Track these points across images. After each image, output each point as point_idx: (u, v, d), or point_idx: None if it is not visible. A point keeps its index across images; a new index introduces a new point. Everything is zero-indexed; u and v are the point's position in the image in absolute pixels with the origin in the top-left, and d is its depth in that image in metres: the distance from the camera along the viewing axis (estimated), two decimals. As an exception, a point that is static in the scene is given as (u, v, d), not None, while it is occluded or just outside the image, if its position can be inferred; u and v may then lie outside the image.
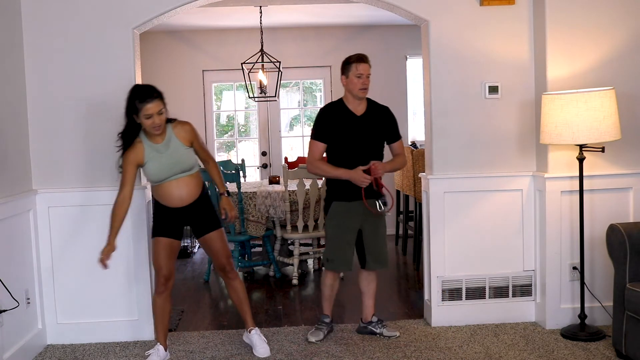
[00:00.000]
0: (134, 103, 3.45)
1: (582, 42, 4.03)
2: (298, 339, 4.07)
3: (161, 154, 3.55)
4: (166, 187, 3.59)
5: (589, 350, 3.73)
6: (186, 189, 3.60)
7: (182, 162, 3.58)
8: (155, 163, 3.54)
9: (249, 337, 3.85)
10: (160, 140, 3.56)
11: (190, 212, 3.66)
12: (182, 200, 3.61)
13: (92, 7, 4.00)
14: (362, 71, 3.81)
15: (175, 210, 3.64)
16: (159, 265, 3.65)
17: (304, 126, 8.28)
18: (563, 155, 4.05)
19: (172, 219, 3.66)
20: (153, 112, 3.44)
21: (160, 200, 3.64)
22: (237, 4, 5.90)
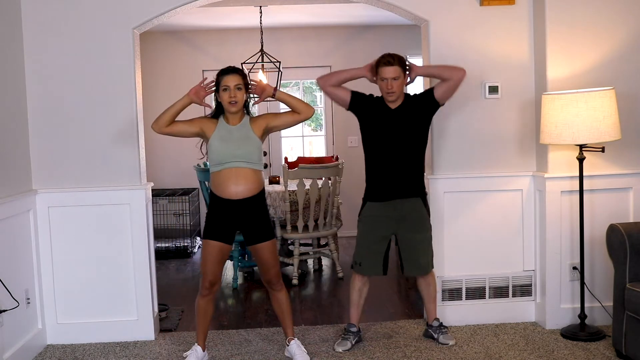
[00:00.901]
0: (218, 78, 3.51)
1: (582, 42, 4.03)
2: (298, 339, 4.06)
3: (231, 134, 3.50)
4: (225, 173, 3.48)
5: (589, 350, 3.73)
6: (243, 181, 3.48)
7: (248, 149, 3.49)
8: (221, 141, 3.48)
9: (288, 350, 3.74)
10: (234, 123, 3.54)
11: (245, 212, 3.52)
12: (237, 192, 3.48)
13: (92, 7, 4.00)
14: (387, 75, 3.64)
15: (229, 206, 3.50)
16: (205, 270, 3.56)
17: (304, 126, 8.28)
18: (563, 155, 4.05)
19: (225, 220, 3.53)
20: (230, 83, 3.46)
21: (216, 189, 3.52)
22: (237, 4, 5.90)
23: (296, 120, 3.62)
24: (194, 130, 3.56)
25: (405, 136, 3.72)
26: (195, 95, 3.54)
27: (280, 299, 3.69)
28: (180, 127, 3.54)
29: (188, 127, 3.55)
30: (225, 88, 3.48)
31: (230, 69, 3.55)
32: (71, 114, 4.03)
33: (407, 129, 3.72)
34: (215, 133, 3.52)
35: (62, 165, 4.05)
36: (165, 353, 3.89)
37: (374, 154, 3.78)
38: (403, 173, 3.75)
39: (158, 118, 3.52)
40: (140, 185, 4.09)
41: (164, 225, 6.81)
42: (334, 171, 5.67)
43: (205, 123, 3.57)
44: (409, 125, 3.72)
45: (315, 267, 6.15)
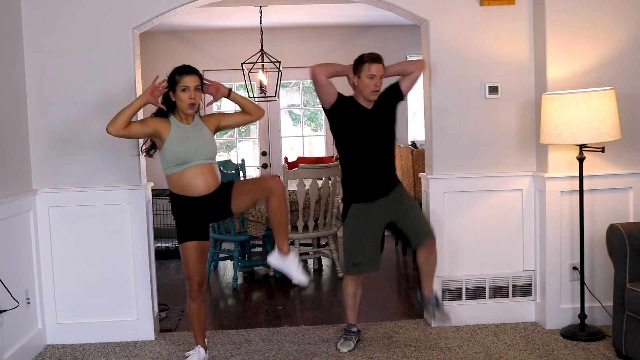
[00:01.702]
0: (174, 77, 3.47)
1: (582, 42, 4.03)
2: (298, 339, 4.06)
3: (187, 134, 3.47)
4: (190, 173, 3.44)
5: (589, 350, 3.73)
6: (210, 176, 3.47)
7: (208, 146, 3.50)
8: (180, 142, 3.44)
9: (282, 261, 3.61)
10: (188, 122, 3.51)
11: (213, 204, 3.50)
12: (208, 185, 3.46)
13: (92, 7, 4.00)
14: (375, 72, 3.67)
15: (197, 203, 3.46)
16: (190, 272, 3.50)
17: (303, 126, 8.29)
18: (563, 155, 4.05)
19: (195, 218, 3.50)
20: (190, 84, 3.43)
21: (183, 190, 3.46)
22: (237, 4, 5.90)
23: (247, 120, 3.68)
24: (147, 131, 3.47)
25: (383, 134, 3.79)
26: (151, 95, 3.46)
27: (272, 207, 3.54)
28: (135, 128, 3.44)
29: (142, 128, 3.46)
30: (184, 88, 3.43)
31: (189, 68, 3.49)
32: (71, 114, 4.03)
33: (384, 127, 3.80)
34: (172, 134, 3.45)
35: (62, 165, 4.05)
36: (165, 353, 3.89)
37: (354, 155, 3.77)
38: (385, 169, 3.81)
39: (114, 120, 3.39)
40: (140, 185, 4.09)
41: (164, 225, 6.81)
42: (334, 171, 5.67)
43: (157, 123, 3.47)
44: (385, 123, 3.80)
45: (315, 267, 6.15)
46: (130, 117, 3.43)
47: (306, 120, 8.43)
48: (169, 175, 3.50)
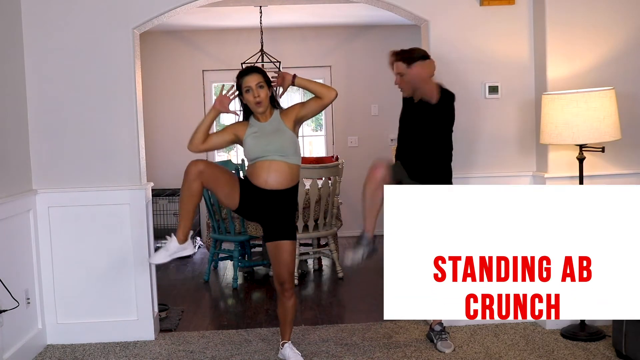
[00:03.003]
0: (238, 82, 3.49)
1: (582, 42, 4.03)
2: (298, 339, 4.06)
3: (261, 131, 3.49)
4: (258, 165, 3.45)
5: (589, 350, 3.73)
6: (275, 174, 3.44)
7: (281, 142, 3.46)
8: (252, 139, 3.48)
9: (282, 352, 3.71)
10: (265, 119, 3.52)
11: (272, 203, 3.47)
12: (266, 183, 3.44)
13: (92, 7, 4.00)
14: (395, 70, 3.78)
15: (259, 193, 3.46)
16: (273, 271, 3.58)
17: (303, 126, 8.28)
18: (563, 155, 4.05)
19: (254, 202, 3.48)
20: (252, 84, 3.43)
21: (250, 178, 3.50)
22: (237, 4, 5.90)
23: (321, 105, 3.54)
24: (228, 139, 3.55)
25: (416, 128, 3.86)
26: (220, 104, 3.51)
27: (287, 307, 3.64)
28: (214, 140, 3.54)
29: (222, 137, 3.55)
30: (247, 89, 3.46)
31: (248, 69, 3.53)
32: (71, 114, 4.03)
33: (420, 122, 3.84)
34: (248, 132, 3.51)
35: (62, 165, 4.05)
36: (165, 353, 3.89)
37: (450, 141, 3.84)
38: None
39: (192, 138, 3.48)
40: (140, 185, 4.09)
41: (164, 225, 6.81)
42: (334, 171, 5.67)
43: (237, 128, 3.55)
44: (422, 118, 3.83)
45: (315, 267, 6.15)
46: (206, 131, 3.49)
47: (306, 120, 8.43)
48: (247, 167, 3.56)
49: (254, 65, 3.56)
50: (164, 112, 7.48)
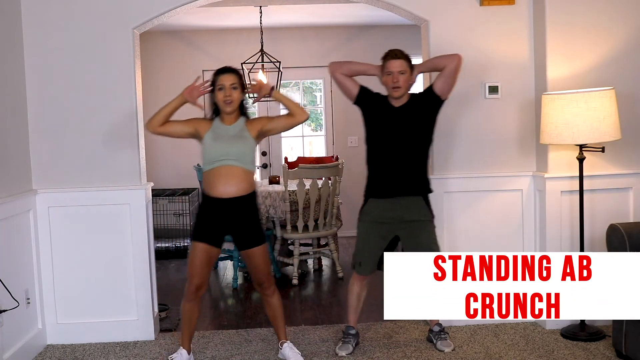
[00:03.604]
0: (213, 77, 3.50)
1: (582, 42, 4.03)
2: (298, 339, 4.06)
3: (223, 134, 3.47)
4: (216, 172, 3.42)
5: (589, 350, 3.73)
6: (234, 180, 3.42)
7: (241, 148, 3.45)
8: (213, 140, 3.45)
9: (282, 352, 3.69)
10: (229, 123, 3.51)
11: (235, 213, 3.46)
12: (226, 190, 3.41)
13: (92, 7, 4.00)
14: (392, 68, 3.64)
15: (219, 206, 3.43)
16: (192, 273, 3.48)
17: (303, 126, 8.28)
18: (563, 155, 4.05)
19: (214, 221, 3.47)
20: (226, 82, 3.44)
21: (207, 188, 3.46)
22: (237, 4, 5.90)
23: (290, 123, 3.58)
24: (188, 130, 3.52)
25: (407, 134, 3.68)
26: (189, 94, 3.50)
27: (273, 304, 3.65)
28: (174, 127, 3.51)
29: (183, 127, 3.52)
30: (220, 87, 3.46)
31: (226, 68, 3.52)
32: (71, 114, 4.03)
33: (410, 128, 3.68)
34: (209, 132, 3.49)
35: (62, 165, 4.05)
36: (165, 353, 3.89)
37: (376, 151, 3.74)
38: (405, 171, 3.70)
39: (152, 117, 3.49)
40: (140, 185, 4.09)
41: (164, 225, 6.81)
42: (334, 171, 5.67)
43: (200, 123, 3.53)
44: (412, 124, 3.68)
45: (315, 267, 6.15)
46: (168, 116, 3.47)
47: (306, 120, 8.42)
48: (204, 173, 3.52)
49: (232, 66, 3.54)
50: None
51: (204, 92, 3.54)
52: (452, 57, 3.66)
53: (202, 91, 3.54)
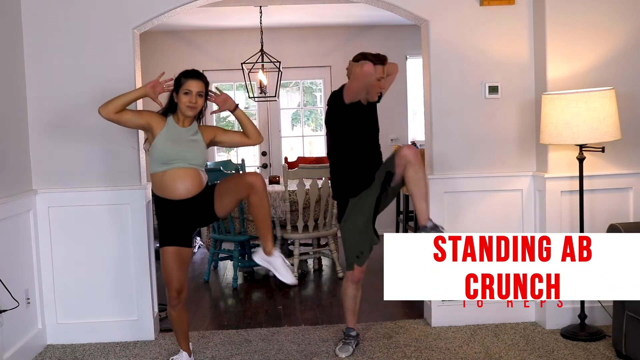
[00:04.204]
0: (179, 79, 3.47)
1: (582, 42, 4.03)
2: (298, 339, 4.06)
3: (179, 135, 3.45)
4: (172, 174, 3.39)
5: (589, 350, 3.73)
6: (191, 180, 3.40)
7: (196, 152, 3.44)
8: (169, 141, 3.41)
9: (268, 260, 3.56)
10: (184, 125, 3.49)
11: (194, 209, 3.44)
12: (188, 190, 3.39)
13: (92, 7, 4.00)
14: (379, 74, 3.67)
15: (178, 207, 3.41)
16: (168, 279, 3.43)
17: (303, 126, 8.29)
18: (563, 155, 4.05)
19: (177, 222, 3.44)
20: (193, 89, 3.43)
21: (163, 191, 3.42)
22: (237, 4, 5.90)
23: (244, 143, 3.61)
24: (140, 122, 3.47)
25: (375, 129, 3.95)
26: (152, 89, 3.46)
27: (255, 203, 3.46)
28: (128, 116, 3.44)
29: (135, 118, 3.47)
30: (187, 92, 3.43)
31: (195, 73, 3.49)
32: (71, 114, 4.03)
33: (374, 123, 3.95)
34: (164, 132, 3.44)
35: (62, 165, 4.05)
36: (165, 353, 3.89)
37: (356, 148, 3.80)
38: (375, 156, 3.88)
39: (108, 102, 3.41)
40: (140, 185, 4.09)
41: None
42: (334, 171, 5.66)
43: (153, 118, 3.48)
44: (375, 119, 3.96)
45: (315, 267, 6.15)
46: (125, 104, 3.42)
47: (306, 120, 8.43)
48: (152, 174, 3.46)
49: (201, 73, 3.54)
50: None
51: (166, 90, 3.51)
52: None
53: (165, 89, 3.50)
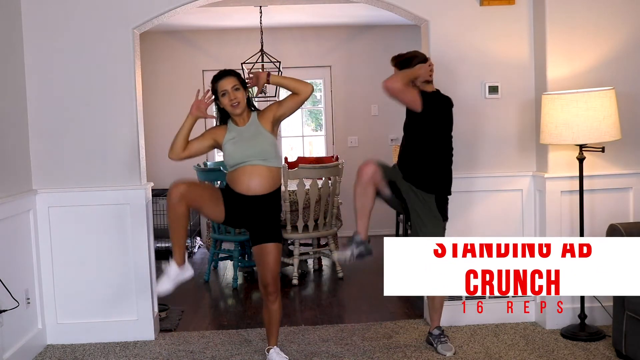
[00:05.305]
0: (213, 86, 3.49)
1: (582, 42, 4.03)
2: (298, 339, 4.07)
3: (240, 136, 3.47)
4: (239, 171, 3.43)
5: (589, 350, 3.73)
6: (257, 179, 3.42)
7: (261, 146, 3.44)
8: (231, 145, 3.46)
9: (268, 358, 3.64)
10: (242, 123, 3.51)
11: (256, 208, 3.46)
12: (249, 188, 3.42)
13: (92, 7, 4.00)
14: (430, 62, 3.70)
15: (242, 200, 3.44)
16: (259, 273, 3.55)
17: (303, 126, 8.28)
18: (563, 155, 4.05)
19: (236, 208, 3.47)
20: (227, 87, 3.44)
21: (231, 184, 3.49)
22: (237, 4, 5.90)
23: (298, 101, 3.51)
24: (208, 144, 3.55)
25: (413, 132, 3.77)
26: (197, 110, 3.51)
27: (272, 310, 3.61)
28: (195, 146, 3.53)
29: (202, 143, 3.55)
30: (223, 93, 3.45)
31: (222, 73, 3.51)
32: (71, 114, 4.04)
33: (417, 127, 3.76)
34: (227, 137, 3.50)
35: (62, 165, 4.05)
36: (165, 353, 3.89)
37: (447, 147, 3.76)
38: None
39: (172, 146, 3.51)
40: (140, 185, 4.09)
41: (164, 225, 6.79)
42: (334, 171, 5.67)
43: (215, 132, 3.55)
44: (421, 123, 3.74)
45: (315, 267, 6.15)
46: (186, 138, 3.50)
47: (306, 120, 8.43)
48: (227, 174, 3.55)
49: (227, 69, 3.54)
50: (164, 112, 7.47)
51: (209, 103, 3.55)
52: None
53: (208, 102, 3.54)
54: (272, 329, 3.66)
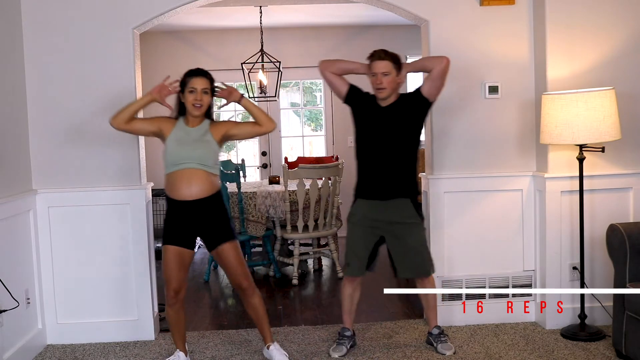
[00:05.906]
0: (184, 79, 3.48)
1: (582, 42, 4.03)
2: (298, 339, 4.07)
3: (187, 136, 3.45)
4: (178, 175, 3.39)
5: (589, 350, 3.73)
6: (197, 182, 3.38)
7: (204, 152, 3.42)
8: (176, 142, 3.42)
9: (269, 353, 3.63)
10: (193, 125, 3.49)
11: (200, 214, 3.42)
12: (191, 192, 3.37)
13: (92, 7, 4.00)
14: (376, 69, 3.58)
15: (184, 208, 3.40)
16: (168, 277, 3.44)
17: (303, 126, 8.29)
18: (563, 155, 4.05)
19: (182, 223, 3.44)
20: (198, 86, 3.42)
21: (170, 191, 3.44)
22: (237, 4, 5.90)
23: (257, 132, 3.55)
24: (152, 129, 3.50)
25: (394, 135, 3.63)
26: (158, 93, 3.49)
27: (254, 304, 3.59)
28: (139, 124, 3.51)
29: (147, 126, 3.51)
30: (192, 90, 3.43)
31: (199, 71, 3.48)
32: (71, 114, 4.03)
33: (396, 128, 3.63)
34: (172, 134, 3.46)
35: (62, 165, 4.05)
36: (165, 353, 3.89)
37: (364, 151, 3.73)
38: (391, 172, 3.65)
39: (117, 113, 3.46)
40: (140, 185, 4.10)
41: (164, 225, 6.81)
42: (334, 171, 5.67)
43: (163, 123, 3.51)
44: (398, 124, 3.63)
45: (315, 267, 6.15)
46: (133, 113, 3.46)
47: (306, 120, 8.43)
48: (165, 175, 3.48)
49: (205, 70, 3.51)
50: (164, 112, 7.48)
51: (172, 92, 3.52)
52: (440, 59, 3.59)
53: (171, 90, 3.52)
54: (263, 324, 3.65)
